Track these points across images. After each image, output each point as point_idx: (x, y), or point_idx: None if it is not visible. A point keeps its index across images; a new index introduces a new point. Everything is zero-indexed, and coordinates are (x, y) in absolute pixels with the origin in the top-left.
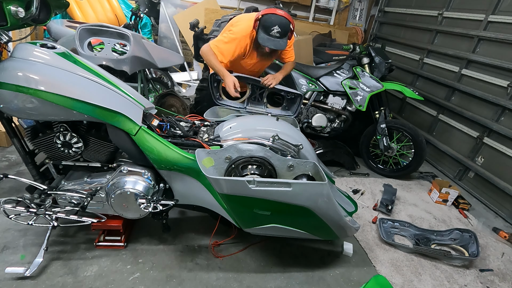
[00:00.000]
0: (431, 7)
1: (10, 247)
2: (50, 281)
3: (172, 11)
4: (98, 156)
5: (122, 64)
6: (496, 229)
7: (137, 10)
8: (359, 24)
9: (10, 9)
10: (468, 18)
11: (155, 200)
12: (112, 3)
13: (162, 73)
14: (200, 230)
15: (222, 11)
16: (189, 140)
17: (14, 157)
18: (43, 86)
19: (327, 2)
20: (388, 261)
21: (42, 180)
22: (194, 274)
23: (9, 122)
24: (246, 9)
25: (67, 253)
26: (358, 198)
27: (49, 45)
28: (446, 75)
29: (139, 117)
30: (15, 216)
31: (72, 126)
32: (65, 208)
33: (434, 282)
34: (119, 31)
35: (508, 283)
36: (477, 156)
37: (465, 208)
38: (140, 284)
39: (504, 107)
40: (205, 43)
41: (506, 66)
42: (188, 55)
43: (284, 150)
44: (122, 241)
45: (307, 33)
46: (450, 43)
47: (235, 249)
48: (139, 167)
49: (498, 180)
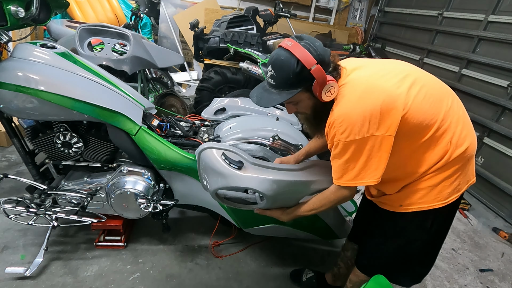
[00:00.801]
0: (431, 7)
1: (10, 247)
2: (50, 281)
3: (172, 11)
4: (98, 156)
5: (122, 64)
6: (496, 229)
7: (137, 10)
8: (359, 24)
9: (10, 9)
10: (468, 18)
11: (155, 200)
12: (112, 3)
13: (162, 73)
14: (200, 230)
15: (222, 11)
16: (189, 140)
17: (14, 157)
18: (43, 86)
19: (327, 2)
20: None
21: (42, 180)
22: (194, 274)
23: (9, 122)
24: (246, 9)
25: (67, 253)
26: (358, 198)
27: (49, 45)
28: (446, 75)
29: (139, 117)
30: (15, 216)
31: (72, 126)
32: (65, 208)
33: (434, 282)
34: (119, 31)
35: (508, 283)
36: (477, 156)
37: (465, 208)
38: (140, 284)
39: (504, 107)
40: (205, 43)
41: (506, 66)
42: (188, 55)
43: (284, 150)
44: (122, 241)
45: (307, 33)
46: (450, 43)
47: (235, 249)
48: (139, 167)
49: (498, 180)
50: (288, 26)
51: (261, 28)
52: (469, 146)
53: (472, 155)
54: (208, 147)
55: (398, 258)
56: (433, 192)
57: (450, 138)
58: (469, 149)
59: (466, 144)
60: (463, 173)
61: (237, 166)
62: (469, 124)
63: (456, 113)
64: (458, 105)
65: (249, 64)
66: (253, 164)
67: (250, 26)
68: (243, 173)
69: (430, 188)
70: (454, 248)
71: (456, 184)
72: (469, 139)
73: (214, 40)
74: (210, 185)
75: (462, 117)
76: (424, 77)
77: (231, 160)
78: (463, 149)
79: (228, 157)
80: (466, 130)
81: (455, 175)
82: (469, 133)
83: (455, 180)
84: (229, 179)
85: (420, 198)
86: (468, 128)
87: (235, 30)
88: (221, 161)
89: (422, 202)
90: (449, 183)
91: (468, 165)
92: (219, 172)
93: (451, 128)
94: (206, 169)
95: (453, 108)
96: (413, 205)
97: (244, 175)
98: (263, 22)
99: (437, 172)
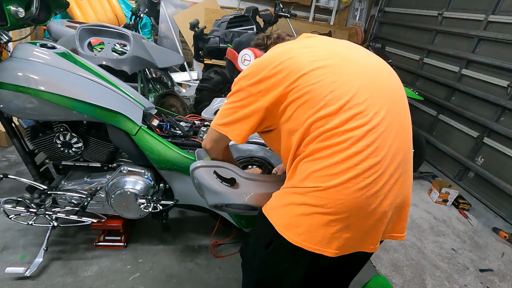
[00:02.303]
0: (431, 7)
1: (10, 247)
2: (50, 281)
3: (172, 11)
4: (98, 156)
5: (122, 64)
6: (496, 229)
7: (137, 10)
8: (359, 24)
9: (10, 9)
10: (468, 18)
11: (155, 200)
12: (112, 3)
13: (162, 73)
14: (200, 230)
15: (222, 11)
16: (189, 140)
17: (14, 157)
18: (43, 86)
19: (327, 2)
20: (388, 261)
21: (42, 180)
22: (194, 274)
23: (9, 122)
24: (246, 9)
25: (67, 253)
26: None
27: (49, 45)
28: (446, 75)
29: (139, 117)
30: (15, 216)
31: (72, 126)
32: (65, 208)
33: (434, 282)
34: (119, 31)
35: (508, 283)
36: (477, 156)
37: (465, 208)
38: (140, 284)
39: (504, 107)
40: (205, 43)
41: (506, 66)
42: (188, 55)
43: None
44: (122, 241)
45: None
46: (450, 43)
47: (235, 249)
48: (139, 167)
49: (498, 180)
50: (288, 26)
51: (261, 28)
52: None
53: None
54: (200, 165)
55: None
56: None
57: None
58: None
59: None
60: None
61: (228, 184)
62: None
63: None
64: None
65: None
66: (246, 178)
67: (250, 26)
68: (236, 189)
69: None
70: (454, 248)
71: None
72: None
73: (214, 40)
74: (206, 200)
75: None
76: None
77: (222, 178)
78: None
79: (219, 175)
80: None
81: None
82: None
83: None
84: (223, 197)
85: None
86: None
87: (235, 30)
88: (213, 179)
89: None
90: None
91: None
92: (212, 190)
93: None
94: (200, 187)
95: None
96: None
97: (237, 191)
98: (263, 22)
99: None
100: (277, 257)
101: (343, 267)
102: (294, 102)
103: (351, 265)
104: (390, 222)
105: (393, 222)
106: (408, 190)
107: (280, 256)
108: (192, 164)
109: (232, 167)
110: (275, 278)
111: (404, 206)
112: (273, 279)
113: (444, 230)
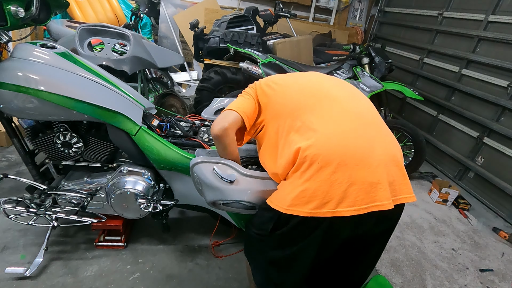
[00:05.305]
0: (431, 7)
1: (10, 247)
2: (50, 281)
3: (172, 11)
4: (98, 156)
5: (122, 64)
6: (496, 229)
7: (137, 10)
8: (359, 24)
9: (10, 9)
10: (468, 18)
11: (155, 200)
12: (112, 3)
13: (162, 73)
14: (200, 230)
15: (222, 11)
16: (189, 140)
17: (14, 157)
18: (43, 86)
19: (327, 2)
20: (388, 261)
21: (42, 180)
22: (194, 274)
23: (9, 122)
24: (246, 9)
25: (67, 253)
26: None
27: (49, 45)
28: (446, 75)
29: (139, 117)
30: (15, 216)
31: (72, 126)
32: (65, 208)
33: (434, 282)
34: (119, 31)
35: (508, 283)
36: (477, 156)
37: (465, 208)
38: (140, 284)
39: (504, 107)
40: (205, 43)
41: (506, 66)
42: (188, 55)
43: None
44: (122, 241)
45: (307, 33)
46: (450, 43)
47: (235, 249)
48: (139, 167)
49: (498, 180)
50: (288, 26)
51: (261, 28)
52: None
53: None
54: (200, 161)
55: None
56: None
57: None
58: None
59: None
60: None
61: (228, 180)
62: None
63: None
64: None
65: (249, 64)
66: (245, 175)
67: (250, 26)
68: (235, 186)
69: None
70: (454, 248)
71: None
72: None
73: (214, 40)
74: (205, 197)
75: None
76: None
77: (222, 175)
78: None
79: (218, 172)
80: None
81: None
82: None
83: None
84: (222, 193)
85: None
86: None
87: (235, 30)
88: (213, 175)
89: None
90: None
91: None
92: (212, 186)
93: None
94: (200, 183)
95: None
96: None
97: (236, 188)
98: (263, 22)
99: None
100: (294, 234)
101: (361, 238)
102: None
103: (371, 236)
104: (395, 178)
105: (399, 180)
106: (395, 148)
107: (295, 233)
108: (192, 160)
109: (232, 164)
110: (289, 257)
111: (398, 159)
112: (288, 258)
113: (444, 230)
